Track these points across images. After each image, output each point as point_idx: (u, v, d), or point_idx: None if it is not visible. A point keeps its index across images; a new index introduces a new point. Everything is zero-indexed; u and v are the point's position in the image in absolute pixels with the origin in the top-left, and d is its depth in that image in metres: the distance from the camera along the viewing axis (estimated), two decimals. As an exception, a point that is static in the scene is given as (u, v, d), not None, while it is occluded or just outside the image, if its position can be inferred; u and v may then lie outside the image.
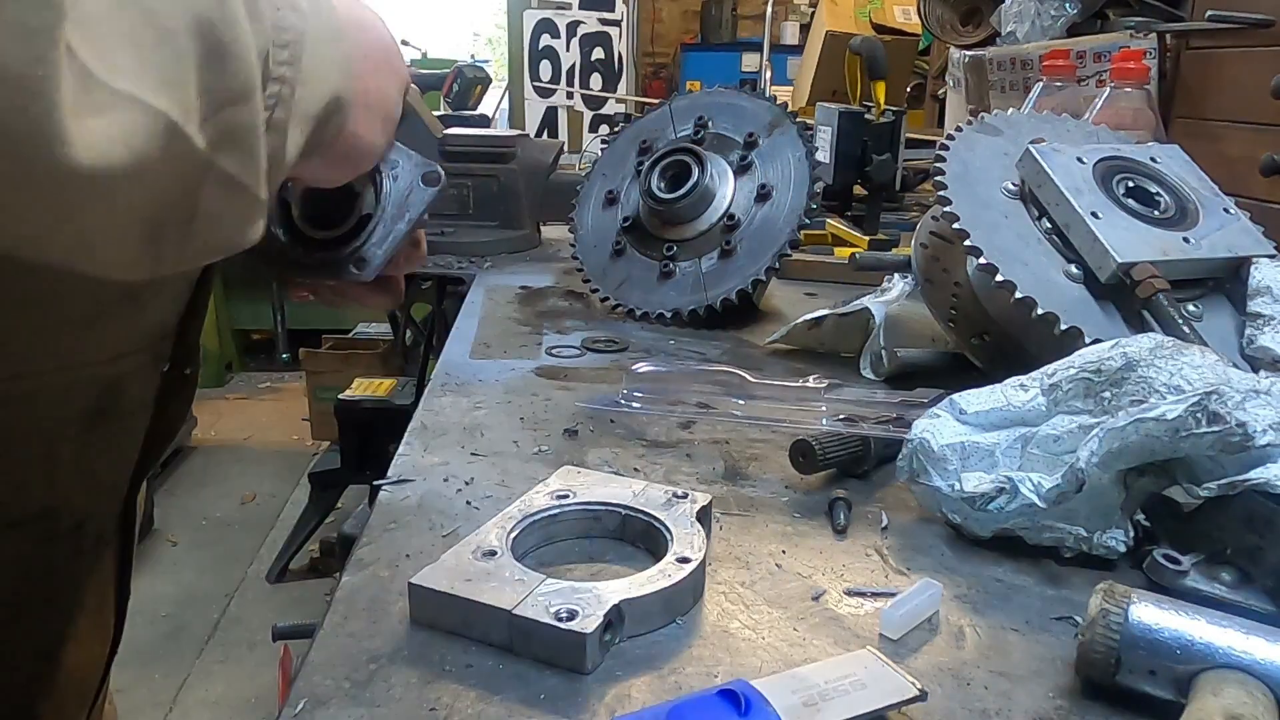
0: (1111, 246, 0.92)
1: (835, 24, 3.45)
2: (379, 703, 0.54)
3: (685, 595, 0.64)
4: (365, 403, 2.91)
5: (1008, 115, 1.14)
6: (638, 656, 0.59)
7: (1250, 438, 0.64)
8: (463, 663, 0.58)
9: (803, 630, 0.63)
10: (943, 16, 2.54)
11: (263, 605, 3.04)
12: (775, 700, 0.51)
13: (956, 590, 0.68)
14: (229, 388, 4.86)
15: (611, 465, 0.87)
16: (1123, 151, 1.04)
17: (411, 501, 0.79)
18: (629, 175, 1.43)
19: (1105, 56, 1.79)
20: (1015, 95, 2.01)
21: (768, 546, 0.74)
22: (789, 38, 6.28)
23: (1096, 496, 0.70)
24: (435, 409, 0.99)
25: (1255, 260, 0.96)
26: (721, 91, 1.45)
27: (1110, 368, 0.73)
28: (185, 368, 0.73)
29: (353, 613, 0.63)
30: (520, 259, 1.76)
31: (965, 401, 0.77)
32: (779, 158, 1.34)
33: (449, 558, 0.64)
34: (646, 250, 1.37)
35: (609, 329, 1.31)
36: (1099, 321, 0.92)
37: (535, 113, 5.78)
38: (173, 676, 2.71)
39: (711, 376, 0.98)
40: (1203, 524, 0.68)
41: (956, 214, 0.97)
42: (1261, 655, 0.52)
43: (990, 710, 0.55)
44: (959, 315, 1.09)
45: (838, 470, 0.86)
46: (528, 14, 5.76)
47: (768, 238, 1.30)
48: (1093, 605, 0.56)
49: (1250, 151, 1.46)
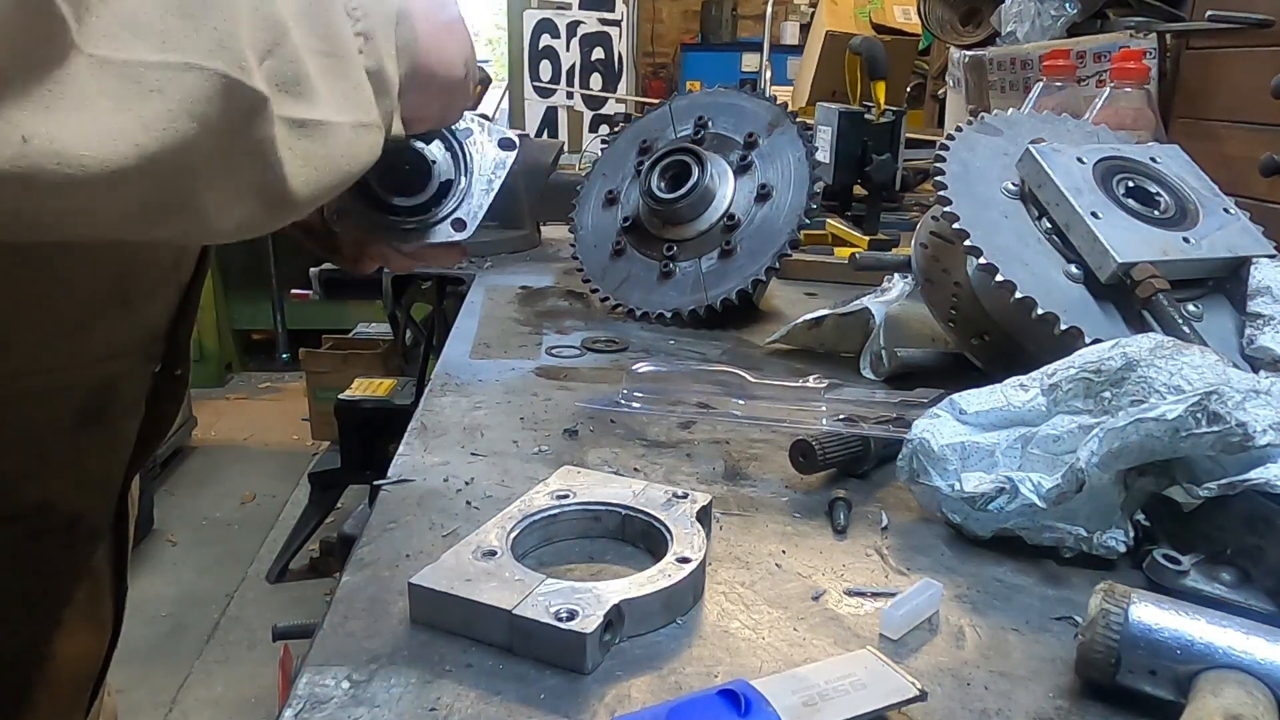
0: (1111, 246, 0.92)
1: (835, 24, 3.45)
2: (379, 703, 0.54)
3: (685, 595, 0.64)
4: (365, 403, 2.91)
5: (1008, 115, 1.14)
6: (638, 656, 0.59)
7: (1250, 438, 0.64)
8: (463, 663, 0.58)
9: (803, 630, 0.63)
10: (943, 16, 2.54)
11: (263, 605, 3.04)
12: (775, 700, 0.51)
13: (956, 590, 0.68)
14: (229, 388, 4.86)
15: (611, 465, 0.87)
16: (1123, 151, 1.04)
17: (411, 501, 0.79)
18: (629, 175, 1.43)
19: (1105, 56, 1.79)
20: (1015, 95, 2.01)
21: (768, 546, 0.74)
22: (789, 38, 6.29)
23: (1096, 496, 0.70)
24: (435, 409, 0.99)
25: (1255, 260, 0.96)
26: (721, 91, 1.45)
27: (1110, 368, 0.73)
28: (176, 368, 0.74)
29: (353, 613, 0.63)
30: (520, 259, 1.76)
31: (965, 401, 0.77)
32: (779, 158, 1.34)
33: (449, 558, 0.64)
34: (646, 250, 1.37)
35: (609, 329, 1.31)
36: (1099, 321, 0.92)
37: (535, 113, 5.77)
38: (173, 676, 2.71)
39: (711, 376, 0.98)
40: (1203, 524, 0.68)
41: (956, 214, 0.97)
42: (1261, 655, 0.52)
43: (990, 710, 0.55)
44: (959, 315, 1.09)
45: (838, 470, 0.86)
46: (528, 14, 5.75)
47: (768, 238, 1.30)
48: (1093, 605, 0.56)
49: (1250, 151, 1.46)
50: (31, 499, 0.64)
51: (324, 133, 0.49)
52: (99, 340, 0.65)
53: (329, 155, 0.49)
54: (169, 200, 0.42)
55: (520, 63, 5.79)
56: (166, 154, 0.39)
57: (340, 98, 0.50)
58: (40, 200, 0.37)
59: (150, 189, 0.40)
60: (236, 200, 0.46)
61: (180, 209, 0.43)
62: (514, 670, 0.57)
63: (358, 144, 0.52)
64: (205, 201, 0.44)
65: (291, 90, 0.46)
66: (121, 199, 0.39)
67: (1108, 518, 0.71)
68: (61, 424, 0.65)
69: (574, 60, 5.82)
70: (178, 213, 0.43)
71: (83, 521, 0.70)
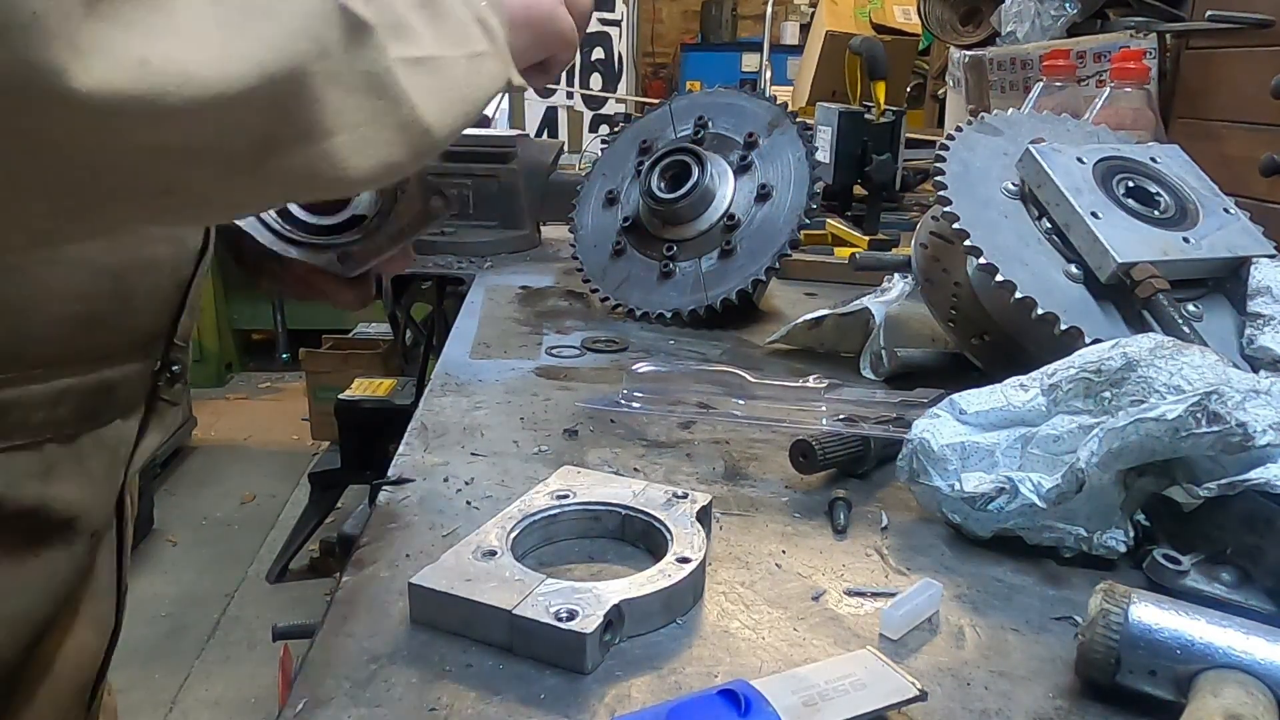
0: (1111, 246, 0.92)
1: (835, 24, 3.45)
2: (379, 703, 0.54)
3: (685, 595, 0.64)
4: (365, 403, 2.91)
5: (1008, 115, 1.14)
6: (638, 656, 0.59)
7: (1250, 438, 0.64)
8: (463, 663, 0.58)
9: (803, 630, 0.63)
10: (943, 16, 2.54)
11: (263, 605, 3.04)
12: (775, 700, 0.51)
13: (956, 590, 0.68)
14: (229, 388, 4.86)
15: (611, 465, 0.87)
16: (1123, 151, 1.04)
17: (411, 501, 0.79)
18: (629, 175, 1.43)
19: (1105, 56, 1.79)
20: (1015, 95, 2.01)
21: (768, 546, 0.74)
22: (789, 38, 6.28)
23: (1096, 496, 0.70)
24: (435, 409, 0.99)
25: (1255, 260, 0.96)
26: (721, 91, 1.45)
27: (1110, 368, 0.73)
28: (175, 368, 0.74)
29: (353, 613, 0.63)
30: (520, 259, 1.76)
31: (965, 401, 0.77)
32: (779, 158, 1.34)
33: (449, 558, 0.64)
34: (646, 250, 1.37)
35: (609, 329, 1.31)
36: (1099, 321, 0.92)
37: (535, 113, 5.77)
38: (173, 676, 2.71)
39: (711, 376, 0.98)
40: (1203, 524, 0.68)
41: (956, 214, 0.97)
42: (1261, 655, 0.52)
43: (990, 710, 0.55)
44: (959, 315, 1.09)
45: (838, 470, 0.86)
46: (528, 14, 5.74)
47: (768, 238, 1.30)
48: (1093, 605, 0.56)
49: (1250, 151, 1.46)
50: (30, 497, 0.64)
51: (440, 66, 0.49)
52: (98, 341, 0.65)
53: (453, 87, 0.50)
54: (296, 127, 0.41)
55: (520, 63, 5.77)
56: (288, 75, 0.39)
57: (446, 36, 0.50)
58: (169, 133, 0.36)
59: (277, 115, 0.40)
60: (372, 137, 0.45)
61: (308, 137, 0.42)
62: (514, 670, 0.57)
63: (478, 73, 0.53)
64: (336, 136, 0.43)
65: (397, 31, 0.46)
66: (248, 125, 0.39)
67: (1108, 518, 0.71)
68: (61, 424, 0.65)
69: (574, 60, 5.82)
70: (305, 143, 0.42)
71: (81, 522, 0.70)
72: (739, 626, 0.63)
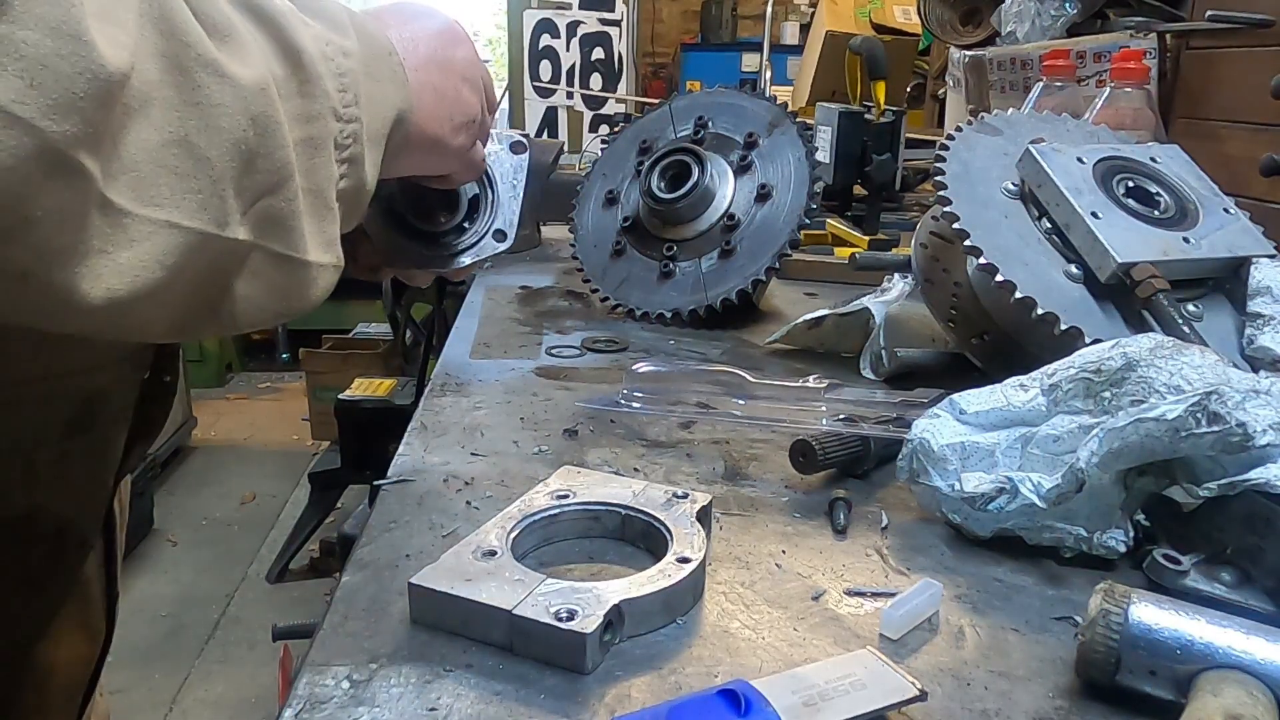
0: (1111, 246, 0.92)
1: (835, 24, 3.45)
2: (379, 703, 0.54)
3: (685, 595, 0.64)
4: (365, 403, 2.91)
5: (1008, 115, 1.14)
6: (638, 656, 0.59)
7: (1250, 438, 0.64)
8: (463, 663, 0.58)
9: (803, 630, 0.63)
10: (943, 16, 2.54)
11: (263, 605, 3.04)
12: (775, 700, 0.51)
13: (956, 590, 0.68)
14: (229, 388, 4.86)
15: (611, 465, 0.87)
16: (1123, 151, 1.04)
17: (411, 501, 0.79)
18: (629, 175, 1.43)
19: (1105, 56, 1.79)
20: (1015, 95, 2.01)
21: (768, 546, 0.74)
22: (789, 38, 6.28)
23: (1096, 496, 0.70)
24: (435, 409, 0.99)
25: (1255, 260, 0.96)
26: (721, 91, 1.45)
27: (1110, 368, 0.73)
28: (165, 374, 0.74)
29: (353, 613, 0.63)
30: (520, 259, 1.76)
31: (965, 401, 0.77)
32: (779, 158, 1.34)
33: (449, 558, 0.64)
34: (646, 250, 1.37)
35: (609, 329, 1.31)
36: (1099, 321, 0.92)
37: (535, 113, 5.76)
38: (173, 676, 2.71)
39: (711, 376, 0.98)
40: (1203, 524, 0.68)
41: (956, 214, 0.97)
42: (1261, 655, 0.52)
43: (990, 710, 0.55)
44: (959, 315, 1.09)
45: (838, 470, 0.86)
46: (527, 14, 5.75)
47: (768, 238, 1.30)
48: (1093, 605, 0.56)
49: (1250, 151, 1.46)
50: (19, 507, 0.64)
51: (295, 268, 0.51)
52: (89, 350, 0.65)
53: (288, 288, 0.52)
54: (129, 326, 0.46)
55: (520, 63, 5.79)
56: (132, 298, 0.42)
57: (319, 237, 0.53)
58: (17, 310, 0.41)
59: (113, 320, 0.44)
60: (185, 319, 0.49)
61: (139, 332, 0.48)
62: (514, 670, 0.57)
63: (316, 284, 0.54)
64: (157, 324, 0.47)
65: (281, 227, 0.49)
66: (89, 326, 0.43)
67: (1108, 518, 0.71)
68: (50, 433, 0.64)
69: (574, 60, 5.81)
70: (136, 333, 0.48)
71: (71, 529, 0.69)
72: (739, 626, 0.63)
